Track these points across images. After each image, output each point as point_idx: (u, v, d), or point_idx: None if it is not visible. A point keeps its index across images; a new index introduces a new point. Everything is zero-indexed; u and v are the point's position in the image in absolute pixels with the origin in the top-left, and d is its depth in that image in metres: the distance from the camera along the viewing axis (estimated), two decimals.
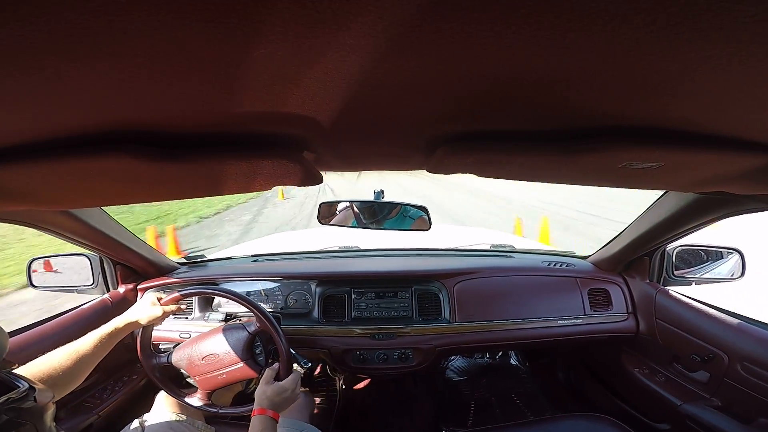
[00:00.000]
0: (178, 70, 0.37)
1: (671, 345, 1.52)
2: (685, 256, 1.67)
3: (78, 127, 0.52)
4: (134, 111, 0.48)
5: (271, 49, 0.33)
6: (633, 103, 0.46)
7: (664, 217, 1.33)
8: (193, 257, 1.97)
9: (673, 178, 0.76)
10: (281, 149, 0.64)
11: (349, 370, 1.69)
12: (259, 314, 1.29)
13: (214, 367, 1.30)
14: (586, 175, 0.77)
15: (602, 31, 0.30)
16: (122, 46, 0.32)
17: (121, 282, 1.69)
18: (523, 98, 0.47)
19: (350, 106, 0.49)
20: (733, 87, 0.40)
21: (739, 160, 0.62)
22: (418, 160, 0.81)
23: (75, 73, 0.36)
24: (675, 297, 1.54)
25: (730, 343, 1.29)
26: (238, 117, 0.53)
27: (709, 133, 0.55)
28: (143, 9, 0.27)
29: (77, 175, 0.65)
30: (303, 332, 1.64)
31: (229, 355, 1.29)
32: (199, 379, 1.32)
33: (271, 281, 1.74)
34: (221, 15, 0.28)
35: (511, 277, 1.74)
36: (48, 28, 0.28)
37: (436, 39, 0.32)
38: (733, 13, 0.27)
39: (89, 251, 1.56)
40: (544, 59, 0.36)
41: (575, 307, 1.68)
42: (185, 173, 0.69)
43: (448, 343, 1.64)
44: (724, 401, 1.32)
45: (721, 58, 0.33)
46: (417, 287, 1.71)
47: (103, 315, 1.57)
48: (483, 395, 2.17)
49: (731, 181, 0.76)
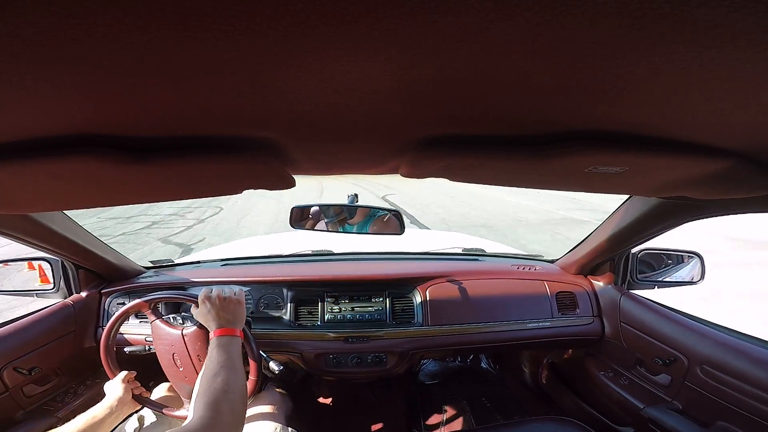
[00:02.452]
0: (145, 74, 0.36)
1: (635, 348, 1.55)
2: (649, 259, 1.71)
3: (42, 130, 0.50)
4: (100, 114, 0.46)
5: (240, 53, 0.33)
6: (600, 108, 0.47)
7: (629, 221, 1.36)
8: (160, 261, 1.92)
9: (636, 182, 0.78)
10: (252, 153, 0.64)
11: (323, 374, 1.68)
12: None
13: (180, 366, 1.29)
14: (554, 180, 0.79)
15: (571, 37, 0.31)
16: (88, 50, 0.31)
17: (84, 286, 1.64)
18: (494, 103, 0.47)
19: (321, 110, 0.49)
20: (694, 92, 0.41)
21: (699, 165, 0.64)
22: (391, 164, 0.82)
23: (39, 78, 0.35)
24: (638, 300, 1.57)
25: (690, 346, 1.32)
26: (207, 120, 0.52)
27: (671, 139, 0.57)
28: (109, 14, 0.26)
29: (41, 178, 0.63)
30: (275, 336, 1.62)
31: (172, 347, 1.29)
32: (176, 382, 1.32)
33: (242, 285, 1.71)
34: (189, 19, 0.28)
35: (481, 280, 1.76)
36: (12, 33, 0.28)
37: (407, 44, 0.32)
38: (693, 17, 0.28)
39: (50, 255, 1.50)
40: (513, 64, 0.36)
41: (543, 310, 1.70)
42: (154, 176, 0.68)
43: (420, 346, 1.64)
44: (685, 404, 1.35)
45: (683, 62, 0.34)
46: (390, 291, 1.72)
47: (65, 319, 1.53)
48: (454, 398, 2.19)
49: (692, 186, 0.78)
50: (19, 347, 1.36)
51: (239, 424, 0.85)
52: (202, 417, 0.76)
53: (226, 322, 1.05)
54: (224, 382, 0.86)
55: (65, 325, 1.53)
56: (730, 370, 1.19)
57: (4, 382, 1.30)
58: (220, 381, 0.86)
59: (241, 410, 0.87)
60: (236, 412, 0.84)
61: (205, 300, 1.10)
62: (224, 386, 0.85)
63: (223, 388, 0.85)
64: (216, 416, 0.77)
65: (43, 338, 1.44)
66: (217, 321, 1.05)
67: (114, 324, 1.30)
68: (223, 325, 1.04)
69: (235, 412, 0.83)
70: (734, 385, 1.17)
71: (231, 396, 0.84)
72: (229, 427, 0.80)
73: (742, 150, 0.61)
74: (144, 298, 1.30)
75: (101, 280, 1.69)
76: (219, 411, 0.79)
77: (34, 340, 1.40)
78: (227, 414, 0.80)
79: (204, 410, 0.78)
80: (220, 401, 0.81)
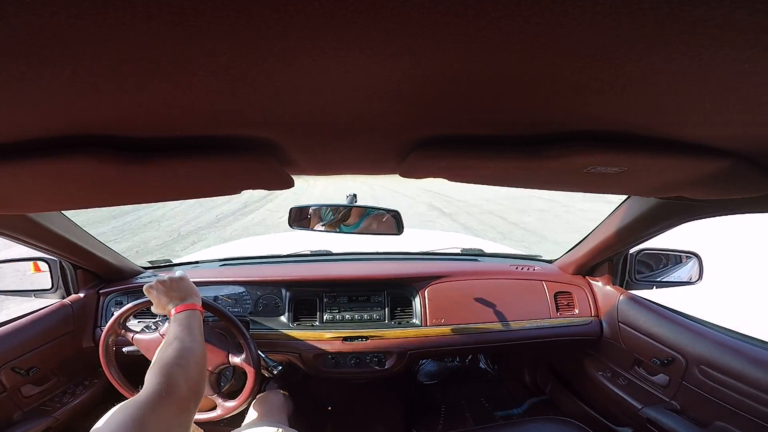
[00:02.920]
0: (144, 74, 0.36)
1: (633, 348, 1.56)
2: (647, 259, 1.71)
3: (41, 130, 0.50)
4: (99, 114, 0.46)
5: (238, 53, 0.33)
6: (600, 107, 0.47)
7: (627, 222, 1.36)
8: (158, 261, 1.91)
9: (635, 182, 0.78)
10: (251, 153, 0.64)
11: (321, 374, 1.68)
12: (227, 321, 1.27)
13: None
14: (553, 180, 0.79)
15: (569, 36, 0.31)
16: (86, 49, 0.31)
17: (82, 286, 1.64)
18: (494, 103, 0.47)
19: (320, 110, 0.49)
20: (692, 92, 0.41)
21: (698, 166, 0.64)
22: (391, 165, 0.81)
23: (38, 76, 0.35)
24: (637, 301, 1.57)
25: (688, 346, 1.32)
26: (206, 120, 0.51)
27: (670, 139, 0.57)
28: (107, 12, 0.26)
29: (40, 179, 0.62)
30: (273, 336, 1.62)
31: None
32: None
33: (240, 285, 1.71)
34: (188, 18, 0.27)
35: (480, 280, 1.76)
36: (10, 31, 0.27)
37: (406, 45, 0.32)
38: (692, 17, 0.28)
39: (48, 255, 1.50)
40: (513, 64, 0.36)
41: (542, 310, 1.71)
42: (153, 177, 0.68)
43: (419, 346, 1.64)
44: (683, 404, 1.35)
45: (681, 62, 0.34)
46: (389, 291, 1.72)
47: (63, 319, 1.53)
48: (453, 399, 2.19)
49: (691, 186, 0.78)
50: (17, 347, 1.35)
51: (196, 394, 0.82)
52: (153, 386, 0.74)
53: (179, 300, 1.07)
54: (177, 351, 0.85)
55: (63, 326, 1.53)
56: (727, 370, 1.19)
57: (2, 383, 1.30)
58: (172, 350, 0.85)
59: (197, 379, 0.85)
60: (192, 380, 0.81)
61: (149, 290, 1.10)
62: (177, 355, 0.84)
63: (175, 357, 0.83)
64: (168, 386, 0.75)
65: (42, 338, 1.43)
66: (170, 302, 1.07)
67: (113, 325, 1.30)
68: (178, 303, 1.06)
69: (190, 381, 0.80)
70: (732, 385, 1.17)
71: (185, 364, 0.83)
72: (183, 396, 0.77)
73: (741, 150, 0.61)
74: (109, 322, 1.33)
75: (99, 281, 1.69)
76: (171, 380, 0.77)
77: (33, 340, 1.40)
78: (181, 383, 0.77)
79: (155, 379, 0.76)
80: (172, 370, 0.79)
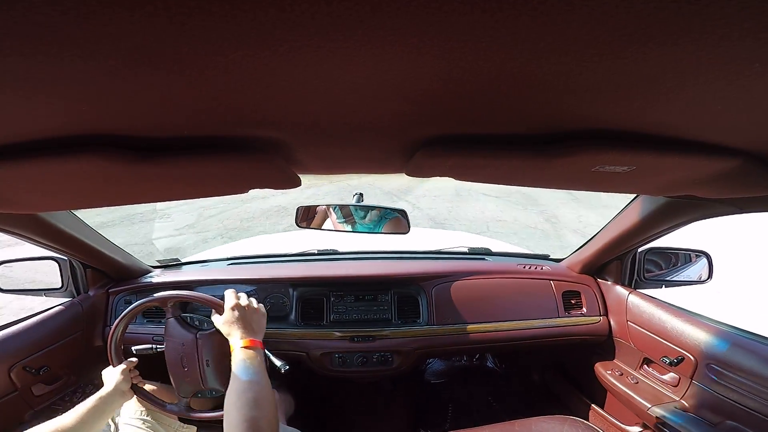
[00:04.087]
0: (154, 73, 0.36)
1: (642, 347, 1.55)
2: (656, 258, 1.70)
3: (51, 130, 0.50)
4: (108, 113, 0.46)
5: (245, 52, 0.33)
6: (607, 106, 0.47)
7: (636, 221, 1.36)
8: (167, 260, 1.93)
9: (644, 181, 0.77)
10: (259, 152, 0.64)
11: (328, 373, 1.68)
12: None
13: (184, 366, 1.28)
14: (560, 179, 0.78)
15: (576, 35, 0.31)
16: (94, 48, 0.31)
17: (92, 285, 1.65)
18: (501, 102, 0.47)
19: (327, 109, 0.49)
20: (702, 90, 0.40)
21: (708, 164, 0.64)
22: (397, 164, 0.81)
23: (49, 76, 0.35)
24: (646, 299, 1.56)
25: (698, 345, 1.31)
26: (215, 119, 0.52)
27: (680, 137, 0.57)
28: (116, 11, 0.26)
29: (50, 177, 0.63)
30: (280, 335, 1.63)
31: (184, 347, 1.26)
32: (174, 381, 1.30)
33: (248, 284, 1.72)
34: (195, 18, 0.28)
35: (487, 279, 1.75)
36: (22, 31, 0.28)
37: (414, 44, 0.32)
38: (701, 16, 0.27)
39: (58, 254, 1.51)
40: (520, 63, 0.36)
41: (550, 310, 1.70)
42: (160, 175, 0.68)
43: (426, 345, 1.64)
44: (693, 403, 1.34)
45: (691, 60, 0.34)
46: (396, 290, 1.72)
47: (73, 318, 1.54)
48: (460, 398, 2.19)
49: (701, 185, 0.78)
50: (28, 346, 1.37)
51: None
52: None
53: (252, 333, 1.01)
54: (255, 398, 0.84)
55: (74, 325, 1.54)
56: (739, 368, 1.18)
57: (13, 382, 1.31)
58: (251, 397, 0.84)
59: (274, 421, 0.84)
60: (272, 425, 0.82)
61: (234, 308, 1.04)
62: (256, 404, 0.83)
63: (255, 405, 0.82)
64: None
65: (52, 337, 1.45)
66: (244, 330, 1.01)
67: (128, 316, 1.28)
68: (250, 336, 1.00)
69: (271, 425, 0.81)
70: (743, 383, 1.16)
71: (265, 406, 0.83)
72: None
73: (751, 149, 0.61)
74: (167, 294, 1.27)
75: (109, 280, 1.70)
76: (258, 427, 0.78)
77: (44, 339, 1.41)
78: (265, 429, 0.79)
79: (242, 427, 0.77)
80: (256, 418, 0.79)
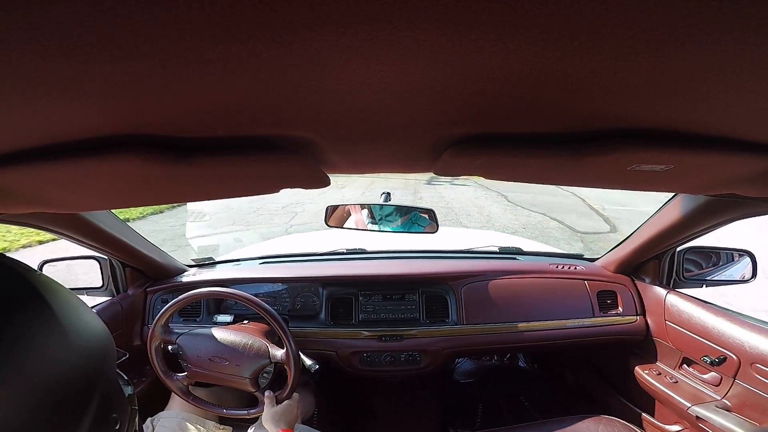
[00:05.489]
0: (190, 73, 0.37)
1: (682, 347, 1.52)
2: (695, 258, 1.65)
3: (89, 130, 0.52)
4: (145, 113, 0.48)
5: (277, 53, 0.33)
6: (644, 105, 0.46)
7: (675, 219, 1.32)
8: (202, 260, 1.98)
9: (683, 180, 0.75)
10: (289, 152, 0.64)
11: (356, 373, 1.69)
12: (269, 317, 1.30)
13: (216, 369, 1.31)
14: (595, 178, 0.77)
15: (611, 33, 0.30)
16: (134, 48, 0.32)
17: (131, 284, 1.70)
18: (532, 101, 0.46)
19: (356, 109, 0.49)
20: (744, 88, 0.39)
21: (751, 162, 0.61)
22: (426, 163, 0.81)
23: (88, 77, 0.36)
24: (685, 299, 1.52)
25: (741, 344, 1.28)
26: (247, 120, 0.53)
27: (722, 135, 0.55)
28: (153, 11, 0.27)
29: (88, 177, 0.65)
30: (310, 334, 1.65)
31: (238, 368, 1.30)
32: (193, 369, 1.34)
33: (279, 283, 1.75)
34: (232, 20, 0.28)
35: (519, 279, 1.73)
36: (63, 31, 0.28)
37: (443, 43, 0.32)
38: (743, 16, 0.27)
39: (99, 253, 1.57)
40: (553, 61, 0.35)
41: (584, 310, 1.67)
42: (194, 175, 0.69)
43: (455, 345, 1.64)
44: (736, 403, 1.31)
45: (734, 60, 0.33)
46: (424, 289, 1.71)
47: (113, 317, 1.58)
48: (491, 397, 2.17)
49: (743, 184, 0.75)
50: None
51: None
52: None
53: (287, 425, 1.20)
54: None
55: (114, 324, 1.58)
56: None
57: None
58: None
59: None
60: None
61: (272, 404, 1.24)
62: None
63: None
64: None
65: None
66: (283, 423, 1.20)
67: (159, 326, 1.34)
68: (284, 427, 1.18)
69: None
70: None
71: None
72: None
73: None
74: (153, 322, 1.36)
75: (146, 279, 1.75)
76: None
77: None
78: None
79: None
80: None
